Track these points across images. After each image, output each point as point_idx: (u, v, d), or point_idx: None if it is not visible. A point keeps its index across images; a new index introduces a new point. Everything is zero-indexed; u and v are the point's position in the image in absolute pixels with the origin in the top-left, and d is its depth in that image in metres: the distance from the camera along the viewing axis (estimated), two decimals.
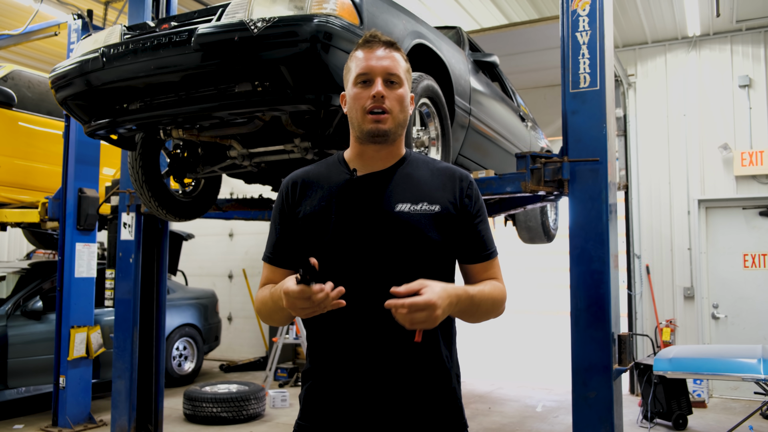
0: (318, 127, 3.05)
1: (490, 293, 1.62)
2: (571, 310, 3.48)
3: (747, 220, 7.34)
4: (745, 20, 7.19)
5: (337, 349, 1.60)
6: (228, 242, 10.29)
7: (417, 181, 1.64)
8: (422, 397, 1.59)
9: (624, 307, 7.36)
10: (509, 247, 7.47)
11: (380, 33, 1.65)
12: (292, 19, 2.56)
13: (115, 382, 5.00)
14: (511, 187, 3.64)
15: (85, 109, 3.19)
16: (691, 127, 7.59)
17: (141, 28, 3.06)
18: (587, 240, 3.43)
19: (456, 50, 3.86)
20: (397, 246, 1.57)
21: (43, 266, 6.65)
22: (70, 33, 5.75)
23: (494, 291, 1.64)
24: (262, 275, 1.73)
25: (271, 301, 1.59)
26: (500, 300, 1.66)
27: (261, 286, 1.70)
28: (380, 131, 1.60)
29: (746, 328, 7.22)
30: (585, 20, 3.54)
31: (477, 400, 7.02)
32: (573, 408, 3.42)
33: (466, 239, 1.67)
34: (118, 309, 5.04)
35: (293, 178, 1.71)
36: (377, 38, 1.63)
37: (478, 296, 1.58)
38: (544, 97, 8.32)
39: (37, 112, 6.26)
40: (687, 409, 5.91)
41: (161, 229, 5.20)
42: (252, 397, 6.00)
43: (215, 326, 8.40)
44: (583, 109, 3.51)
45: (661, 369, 4.73)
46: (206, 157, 3.79)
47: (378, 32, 1.66)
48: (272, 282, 1.67)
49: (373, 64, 1.60)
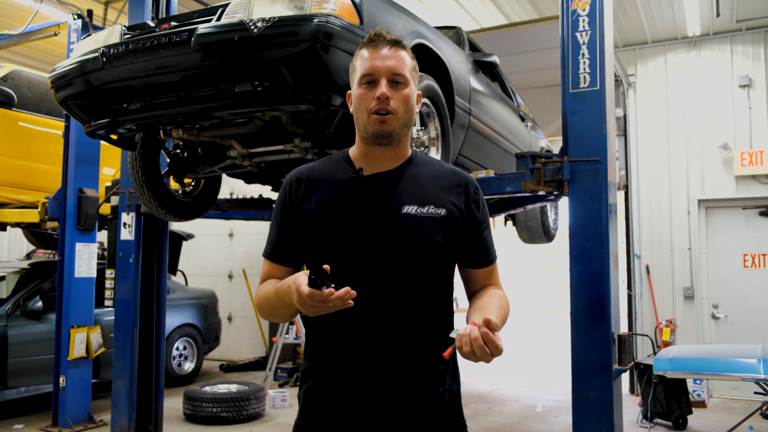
0: (318, 127, 3.05)
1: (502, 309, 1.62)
2: (571, 310, 3.48)
3: (747, 220, 7.34)
4: (745, 20, 7.18)
5: (338, 348, 1.60)
6: (228, 242, 10.29)
7: (423, 183, 1.64)
8: (421, 398, 1.58)
9: (624, 307, 7.35)
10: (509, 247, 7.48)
11: (385, 31, 1.63)
12: (292, 19, 2.56)
13: (115, 382, 5.00)
14: (511, 187, 3.64)
15: (85, 109, 3.19)
16: (691, 127, 7.59)
17: (141, 28, 3.06)
18: (587, 240, 3.44)
19: (456, 50, 3.86)
20: (403, 248, 1.56)
21: (43, 266, 6.65)
22: (70, 33, 5.75)
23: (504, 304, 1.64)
24: (262, 271, 1.71)
25: (275, 296, 1.55)
26: (509, 312, 1.67)
27: (261, 281, 1.68)
28: (384, 132, 1.59)
29: (746, 328, 7.22)
30: (585, 20, 3.54)
31: (477, 400, 7.01)
32: (573, 408, 3.42)
33: (470, 244, 1.67)
34: (118, 309, 5.04)
35: (297, 175, 1.69)
36: (382, 37, 1.61)
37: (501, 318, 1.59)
38: (544, 97, 8.31)
39: (37, 112, 6.25)
40: (687, 409, 5.91)
41: (161, 229, 5.20)
42: (252, 397, 6.00)
43: (215, 326, 8.40)
44: (583, 109, 3.51)
45: (661, 369, 4.73)
46: (206, 157, 3.79)
47: (383, 31, 1.63)
48: (272, 278, 1.65)
49: (378, 65, 1.58)
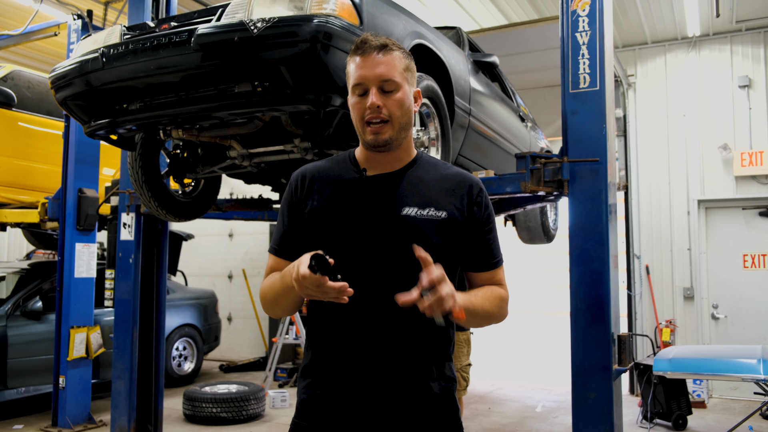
0: (318, 127, 3.05)
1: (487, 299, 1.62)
2: (571, 311, 3.48)
3: (747, 221, 7.34)
4: (745, 20, 7.19)
5: (336, 348, 1.60)
6: (228, 242, 10.29)
7: (426, 185, 1.63)
8: (419, 398, 1.58)
9: (624, 307, 7.36)
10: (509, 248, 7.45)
11: (372, 36, 1.59)
12: (291, 19, 2.56)
13: (115, 383, 5.00)
14: (510, 188, 3.64)
15: (85, 109, 3.19)
16: (690, 127, 7.59)
17: (141, 28, 3.06)
18: (587, 240, 3.44)
19: (456, 50, 3.86)
20: (401, 249, 1.56)
21: (42, 266, 6.65)
22: (69, 33, 5.75)
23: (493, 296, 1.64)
24: (267, 265, 1.72)
25: (280, 282, 1.57)
26: (499, 306, 1.65)
27: (266, 275, 1.69)
28: (379, 142, 1.58)
29: (746, 328, 7.22)
30: (585, 20, 3.54)
31: (477, 401, 7.01)
32: (573, 408, 3.42)
33: (473, 247, 1.66)
34: (118, 309, 5.04)
35: (303, 172, 1.70)
36: (369, 43, 1.57)
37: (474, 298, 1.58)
38: (544, 97, 8.32)
39: (36, 113, 6.25)
40: (687, 409, 5.91)
41: (161, 230, 5.20)
42: (252, 397, 6.00)
43: (215, 326, 8.40)
44: (582, 110, 3.51)
45: (661, 369, 4.73)
46: (206, 157, 3.79)
47: (370, 36, 1.59)
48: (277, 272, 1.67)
49: (366, 73, 1.56)
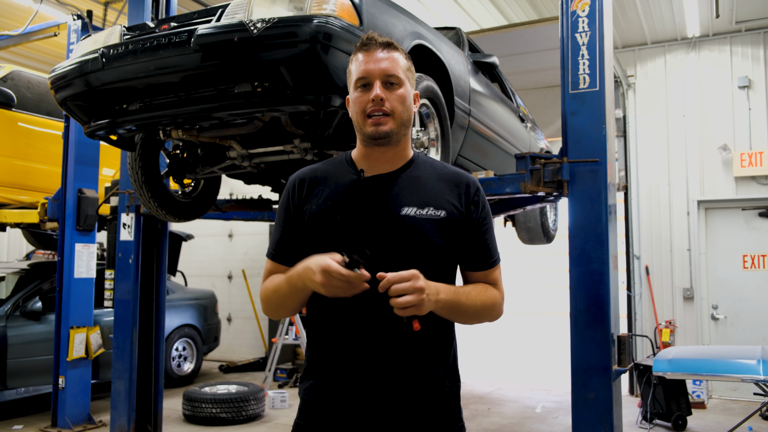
0: (318, 127, 3.05)
1: (477, 296, 1.62)
2: (571, 311, 3.48)
3: (746, 221, 7.34)
4: (745, 21, 7.19)
5: (338, 349, 1.60)
6: (227, 243, 10.29)
7: (424, 184, 1.64)
8: (421, 399, 1.59)
9: (623, 307, 7.36)
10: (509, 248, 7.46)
11: (377, 35, 1.65)
12: (291, 19, 2.56)
13: (115, 383, 5.00)
14: (510, 188, 3.64)
15: (85, 109, 3.19)
16: (690, 128, 7.59)
17: (141, 28, 3.06)
18: (587, 241, 3.44)
19: (455, 51, 3.86)
20: (401, 249, 1.56)
21: (42, 267, 6.65)
22: (69, 33, 5.75)
23: (484, 295, 1.64)
24: (264, 270, 1.72)
25: (286, 285, 1.58)
26: (490, 304, 1.65)
27: (264, 280, 1.70)
28: (380, 134, 1.60)
29: (746, 329, 7.22)
30: (584, 21, 3.54)
31: (476, 401, 7.01)
32: (572, 409, 3.42)
33: (470, 246, 1.67)
34: (118, 309, 5.04)
35: (300, 176, 1.71)
36: (374, 40, 1.63)
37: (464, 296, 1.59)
38: (544, 98, 8.32)
39: (36, 113, 6.25)
40: (686, 410, 5.91)
41: (161, 230, 5.20)
42: (251, 397, 6.00)
43: (215, 327, 8.40)
44: (582, 110, 3.51)
45: (661, 370, 4.73)
46: (206, 157, 3.79)
47: (375, 34, 1.65)
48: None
49: (371, 67, 1.60)
